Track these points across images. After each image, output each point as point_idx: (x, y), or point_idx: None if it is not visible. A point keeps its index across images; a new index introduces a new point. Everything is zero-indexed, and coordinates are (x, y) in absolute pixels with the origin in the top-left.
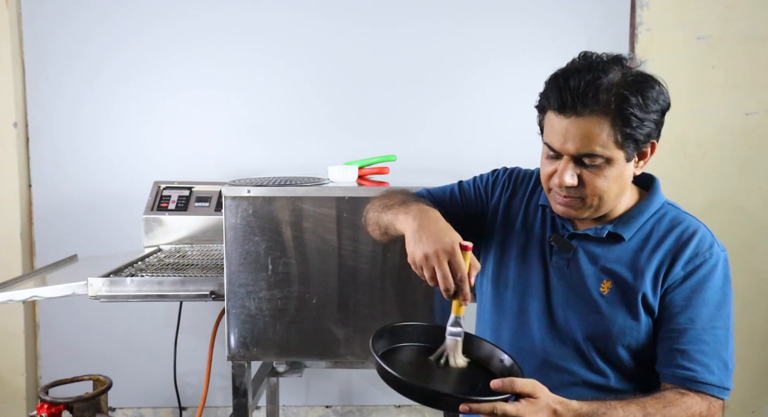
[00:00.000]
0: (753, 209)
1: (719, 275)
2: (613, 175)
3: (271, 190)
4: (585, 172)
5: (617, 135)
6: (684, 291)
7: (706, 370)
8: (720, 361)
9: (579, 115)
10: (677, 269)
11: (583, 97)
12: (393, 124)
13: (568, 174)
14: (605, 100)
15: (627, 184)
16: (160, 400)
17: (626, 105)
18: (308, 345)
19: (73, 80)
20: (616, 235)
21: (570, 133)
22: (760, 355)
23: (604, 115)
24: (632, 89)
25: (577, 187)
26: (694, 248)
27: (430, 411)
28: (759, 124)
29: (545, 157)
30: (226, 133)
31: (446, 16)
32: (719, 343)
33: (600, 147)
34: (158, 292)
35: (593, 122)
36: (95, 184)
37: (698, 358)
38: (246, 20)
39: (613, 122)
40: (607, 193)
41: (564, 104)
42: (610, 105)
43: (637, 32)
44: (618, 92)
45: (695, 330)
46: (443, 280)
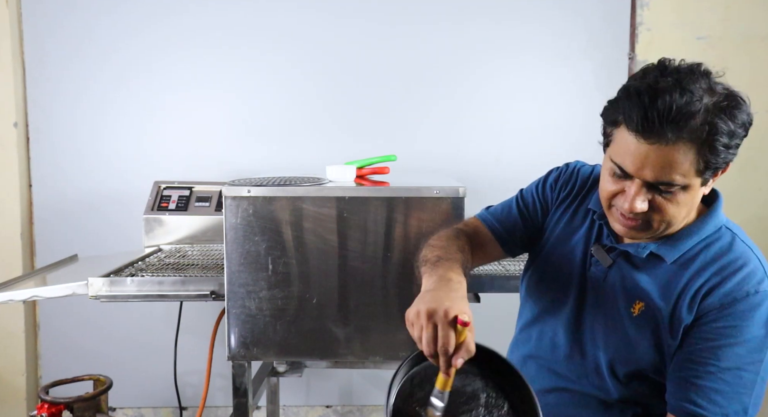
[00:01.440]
0: (753, 209)
1: (763, 315)
2: (686, 201)
3: (271, 190)
4: (657, 198)
5: (700, 163)
6: (716, 323)
7: (718, 412)
8: (739, 406)
9: (664, 144)
10: (714, 299)
11: (673, 124)
12: (393, 124)
13: (640, 200)
14: (697, 129)
15: (696, 205)
16: (160, 400)
17: (717, 135)
18: (308, 345)
19: (73, 80)
20: (657, 256)
21: (650, 159)
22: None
23: (691, 144)
24: (725, 116)
25: (646, 212)
26: (740, 280)
27: None
28: (759, 124)
29: (610, 174)
30: (226, 133)
31: (446, 15)
32: (743, 387)
33: (680, 176)
34: (158, 292)
35: (679, 151)
36: (95, 184)
37: (713, 398)
38: (246, 20)
39: (699, 150)
40: (676, 218)
41: (649, 129)
42: (702, 134)
43: (637, 32)
44: (711, 120)
45: (718, 368)
46: (426, 344)
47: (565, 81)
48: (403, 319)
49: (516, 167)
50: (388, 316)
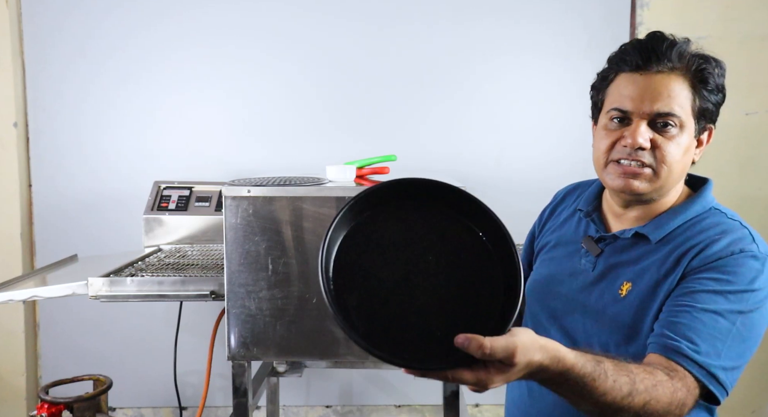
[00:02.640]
0: (753, 209)
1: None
2: (684, 146)
3: (271, 190)
4: (658, 137)
5: (695, 99)
6: (699, 275)
7: (693, 347)
8: (712, 349)
9: (660, 72)
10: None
11: (666, 52)
12: (393, 124)
13: (642, 133)
14: (688, 59)
15: (687, 167)
16: (160, 400)
17: (707, 67)
18: (308, 345)
19: (74, 80)
20: (642, 236)
21: (650, 90)
22: (761, 355)
23: (684, 75)
24: (708, 57)
25: (648, 152)
26: (727, 243)
27: (430, 411)
28: (759, 124)
29: (605, 129)
30: (226, 133)
31: (446, 15)
32: (718, 332)
33: (678, 107)
34: (158, 292)
35: (674, 80)
36: (95, 184)
37: (686, 333)
38: (246, 20)
39: (693, 85)
40: (676, 165)
41: (647, 58)
42: (692, 65)
43: (637, 32)
44: (698, 54)
45: (694, 308)
46: None
47: (565, 81)
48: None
49: (516, 167)
50: None
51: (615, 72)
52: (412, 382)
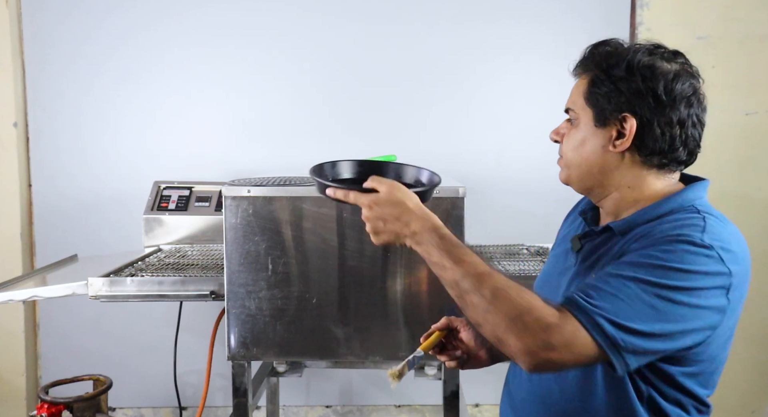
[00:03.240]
0: (753, 209)
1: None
2: (578, 137)
3: (271, 190)
4: (567, 130)
5: (585, 93)
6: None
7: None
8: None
9: (576, 75)
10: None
11: (580, 59)
12: (393, 124)
13: (554, 129)
14: (584, 60)
15: (595, 153)
16: (160, 400)
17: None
18: (308, 345)
19: (73, 80)
20: (609, 228)
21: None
22: (760, 355)
23: (585, 73)
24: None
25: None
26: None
27: (430, 411)
28: (759, 124)
29: None
30: (226, 133)
31: (447, 15)
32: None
33: (572, 103)
34: (158, 292)
35: (579, 80)
36: (95, 184)
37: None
38: (246, 20)
39: (585, 80)
40: (572, 153)
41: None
42: (585, 64)
43: (637, 32)
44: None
45: (607, 274)
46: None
47: (565, 81)
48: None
49: (516, 167)
50: (388, 316)
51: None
52: (412, 382)
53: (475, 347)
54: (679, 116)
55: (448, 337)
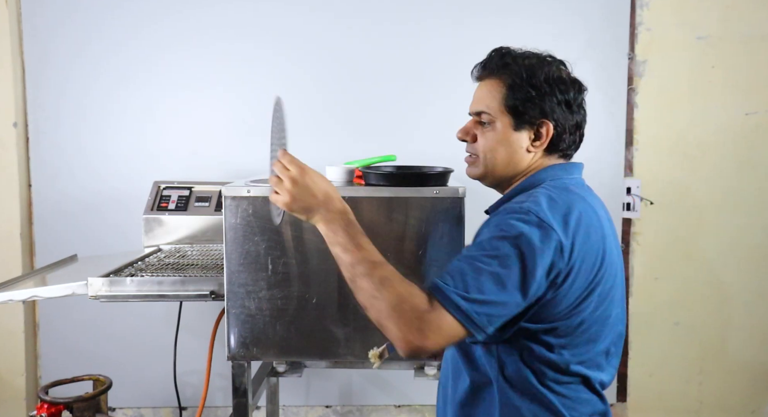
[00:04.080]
0: (753, 209)
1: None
2: (497, 138)
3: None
4: (479, 131)
5: (503, 100)
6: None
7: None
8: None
9: (479, 80)
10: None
11: (484, 64)
12: (393, 124)
13: (462, 129)
14: (496, 67)
15: (517, 155)
16: (160, 400)
17: (513, 75)
18: (308, 345)
19: (74, 80)
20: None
21: (474, 95)
22: (760, 355)
23: (494, 80)
24: (523, 66)
25: (472, 145)
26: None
27: (430, 411)
28: (759, 124)
29: None
30: (226, 132)
31: (446, 14)
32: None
33: (486, 106)
34: (158, 292)
35: (486, 84)
36: (95, 184)
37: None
38: (246, 20)
39: (501, 89)
40: (491, 153)
41: (476, 71)
42: (498, 70)
43: (637, 32)
44: (509, 63)
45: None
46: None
47: None
48: None
49: None
50: None
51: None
52: (412, 382)
53: None
54: (578, 120)
55: None
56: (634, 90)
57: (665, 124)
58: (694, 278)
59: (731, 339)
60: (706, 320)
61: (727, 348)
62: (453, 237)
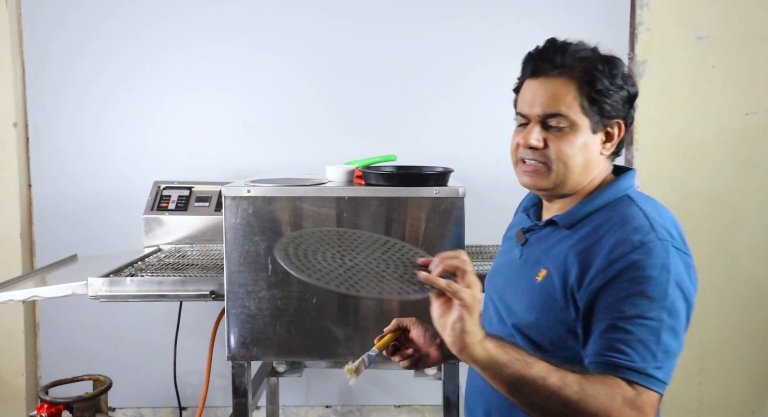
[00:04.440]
0: (753, 209)
1: (654, 264)
2: (579, 143)
3: (271, 190)
4: (550, 135)
5: (583, 100)
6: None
7: (627, 358)
8: (646, 351)
9: (548, 76)
10: (601, 257)
11: (552, 57)
12: (393, 124)
13: (534, 134)
14: (573, 63)
15: (593, 160)
16: (160, 400)
17: (594, 70)
18: (308, 345)
19: (73, 80)
20: (555, 223)
21: (539, 95)
22: (760, 355)
23: (570, 77)
24: (600, 59)
25: (543, 151)
26: (622, 236)
27: (430, 411)
28: (759, 124)
29: (515, 130)
30: (227, 133)
31: (446, 14)
32: (648, 334)
33: (566, 108)
34: (158, 292)
35: (560, 83)
36: (95, 184)
37: (619, 347)
38: (246, 20)
39: (580, 86)
40: (572, 161)
41: (536, 67)
42: (577, 67)
43: (637, 32)
44: (586, 57)
45: (621, 320)
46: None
47: None
48: None
49: None
50: (387, 316)
51: (521, 80)
52: (412, 382)
53: (425, 345)
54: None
55: (400, 339)
56: None
57: (665, 124)
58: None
59: (731, 339)
60: (706, 320)
61: (727, 348)
62: (453, 237)
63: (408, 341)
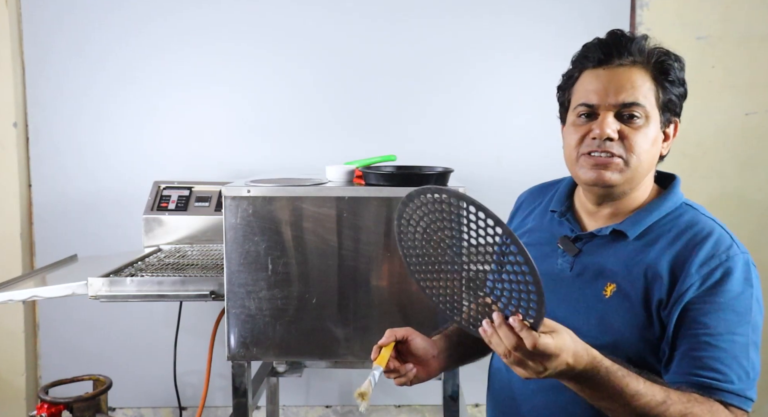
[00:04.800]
0: (753, 209)
1: (739, 278)
2: (651, 136)
3: (271, 190)
4: (625, 128)
5: (658, 91)
6: (699, 295)
7: (724, 378)
8: (740, 369)
9: (622, 65)
10: (692, 272)
11: (627, 46)
12: (393, 124)
13: (611, 124)
14: (648, 52)
15: (656, 159)
16: (160, 400)
17: (667, 60)
18: (308, 345)
19: (73, 80)
20: (620, 233)
21: (613, 83)
22: (760, 355)
23: (645, 67)
24: (670, 53)
25: (616, 145)
26: (710, 249)
27: (430, 411)
28: (759, 124)
29: (573, 124)
30: (227, 132)
31: (446, 14)
32: (739, 351)
33: (643, 97)
34: (158, 292)
35: (636, 72)
36: (95, 184)
37: (715, 366)
38: (246, 19)
39: (655, 77)
40: (647, 155)
41: (608, 52)
42: (651, 57)
43: (637, 32)
44: (657, 48)
45: (711, 336)
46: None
47: None
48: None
49: (517, 167)
50: (387, 316)
51: (579, 70)
52: None
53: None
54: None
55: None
56: None
57: None
58: None
59: None
60: None
61: None
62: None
63: (407, 353)
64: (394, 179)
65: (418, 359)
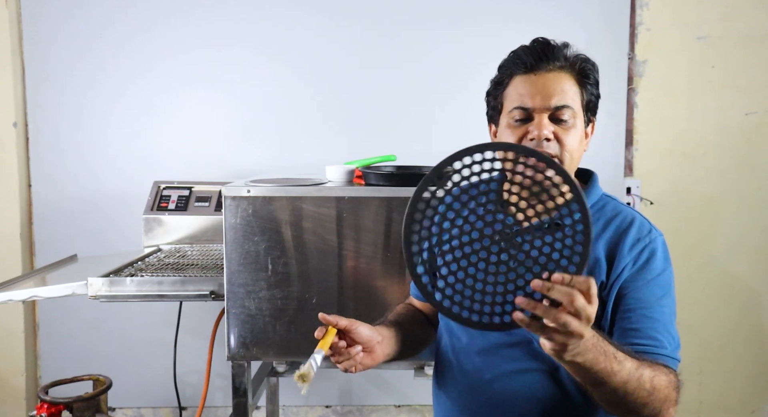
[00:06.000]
0: (752, 209)
1: (661, 258)
2: (579, 135)
3: (271, 190)
4: (557, 129)
5: (582, 93)
6: (632, 274)
7: (660, 344)
8: (670, 337)
9: (551, 70)
10: (624, 254)
11: (554, 53)
12: (393, 125)
13: (546, 126)
14: (570, 58)
15: (582, 155)
16: (160, 400)
17: (587, 65)
18: (308, 345)
19: (74, 80)
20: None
21: (546, 87)
22: (760, 355)
23: (570, 72)
24: (586, 57)
25: (552, 144)
26: (636, 233)
27: (430, 411)
28: (759, 124)
29: (509, 127)
30: (226, 133)
31: (445, 17)
32: (667, 320)
33: (572, 100)
34: (158, 292)
35: (563, 77)
36: (95, 184)
37: (650, 334)
38: (246, 23)
39: (579, 81)
40: (577, 153)
41: (537, 60)
42: (576, 63)
43: (637, 32)
44: (579, 55)
45: (645, 309)
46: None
47: None
48: None
49: None
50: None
51: (509, 76)
52: (412, 382)
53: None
54: None
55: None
56: (634, 90)
57: (665, 124)
58: (694, 278)
59: (731, 339)
60: (706, 320)
61: (727, 348)
62: None
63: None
64: (394, 179)
65: (364, 346)
